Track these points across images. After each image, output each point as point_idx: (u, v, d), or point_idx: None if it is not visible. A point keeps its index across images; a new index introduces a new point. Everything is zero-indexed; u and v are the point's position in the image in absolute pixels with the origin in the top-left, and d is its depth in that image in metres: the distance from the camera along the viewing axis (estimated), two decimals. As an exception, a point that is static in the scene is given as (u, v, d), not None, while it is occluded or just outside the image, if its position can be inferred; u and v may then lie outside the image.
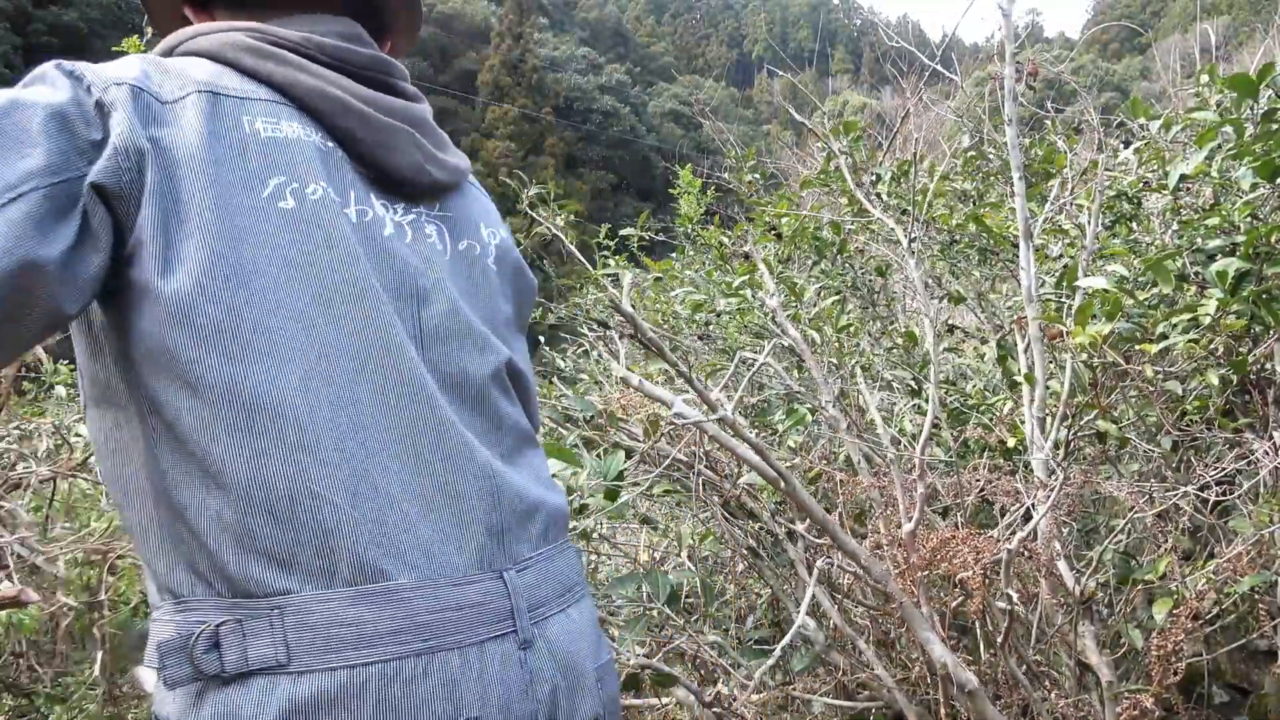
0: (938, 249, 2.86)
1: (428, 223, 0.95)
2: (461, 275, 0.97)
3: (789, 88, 32.37)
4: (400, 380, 0.83)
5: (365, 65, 0.93)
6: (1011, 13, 2.17)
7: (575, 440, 1.95)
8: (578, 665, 0.90)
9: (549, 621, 0.89)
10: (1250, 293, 1.75)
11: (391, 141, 0.91)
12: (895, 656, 2.04)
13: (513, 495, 0.90)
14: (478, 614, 0.82)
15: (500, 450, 0.93)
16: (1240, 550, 1.64)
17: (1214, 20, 24.61)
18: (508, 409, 0.96)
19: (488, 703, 0.80)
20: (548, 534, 0.94)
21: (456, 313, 0.92)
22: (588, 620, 0.96)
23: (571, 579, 0.96)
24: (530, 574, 0.89)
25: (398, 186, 0.93)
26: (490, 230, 1.03)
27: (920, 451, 1.86)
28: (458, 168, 1.00)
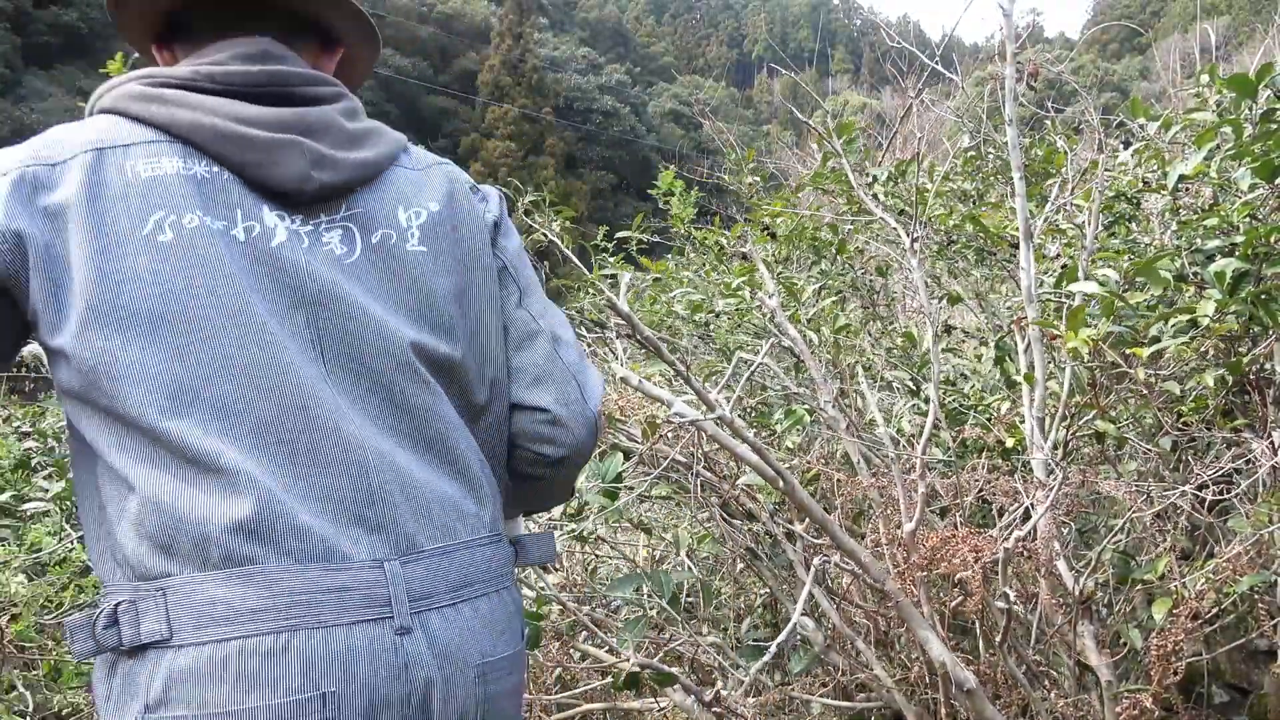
0: (935, 249, 2.86)
1: (328, 229, 1.00)
2: (373, 270, 1.00)
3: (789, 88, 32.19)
4: (273, 385, 0.91)
5: (258, 83, 1.00)
6: (1012, 13, 2.17)
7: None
8: (458, 658, 0.93)
9: (434, 613, 0.93)
10: (1249, 293, 1.75)
11: (271, 158, 0.97)
12: (894, 656, 2.04)
13: (405, 488, 0.94)
14: (348, 598, 0.88)
15: (409, 442, 0.97)
16: (1239, 550, 1.64)
17: (1214, 20, 24.61)
18: (423, 398, 0.99)
19: (349, 681, 0.86)
20: (454, 528, 0.97)
21: (354, 311, 0.97)
22: (490, 616, 0.99)
23: (477, 575, 0.98)
24: (420, 566, 0.93)
25: (286, 197, 0.98)
26: (413, 210, 1.05)
27: (920, 451, 1.86)
28: (365, 161, 1.03)
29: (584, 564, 2.56)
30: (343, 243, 1.00)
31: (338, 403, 0.93)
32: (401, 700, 0.88)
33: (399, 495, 0.94)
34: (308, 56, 1.09)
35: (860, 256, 3.16)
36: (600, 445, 1.97)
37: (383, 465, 0.94)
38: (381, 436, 0.95)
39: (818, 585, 1.89)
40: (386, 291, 1.00)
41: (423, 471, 0.97)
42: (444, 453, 1.00)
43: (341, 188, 1.01)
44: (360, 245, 1.01)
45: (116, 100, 0.99)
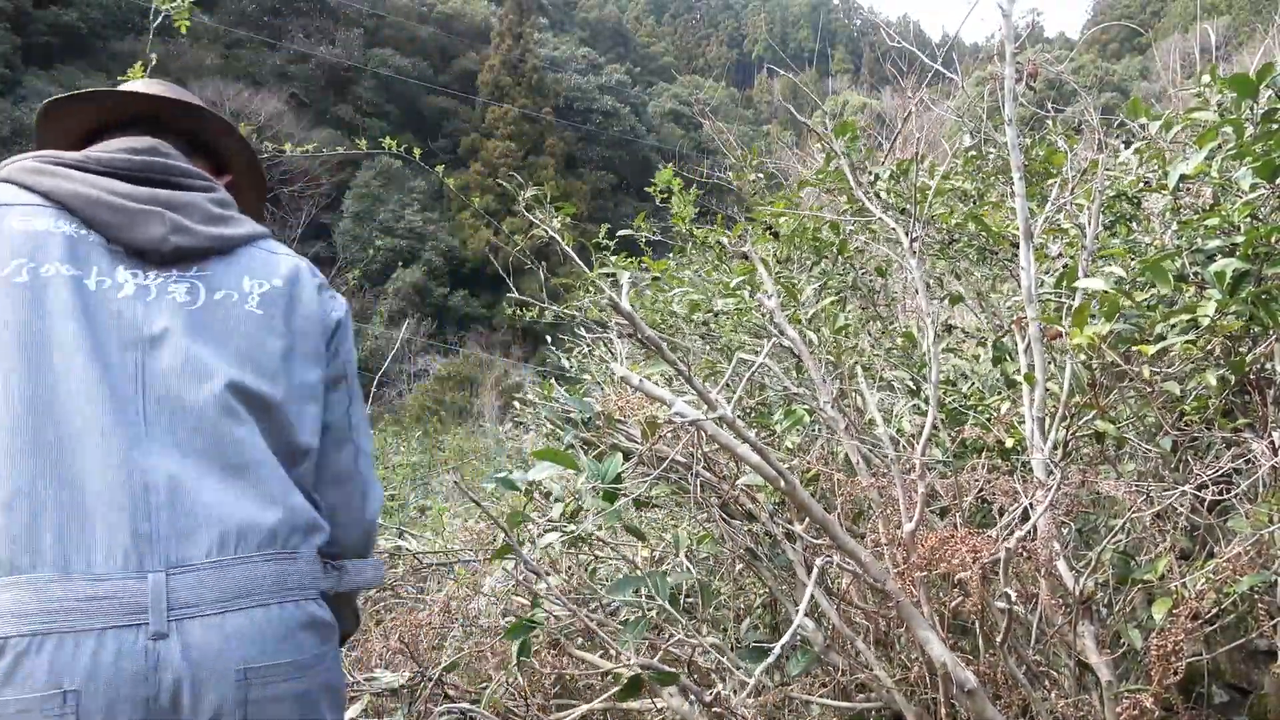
0: (937, 248, 2.86)
1: (177, 283, 1.20)
2: (211, 320, 1.20)
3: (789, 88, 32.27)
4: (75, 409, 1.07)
5: (139, 167, 1.24)
6: (1011, 13, 2.16)
7: (572, 441, 1.95)
8: (214, 662, 1.04)
9: (196, 620, 1.04)
10: (1249, 293, 1.75)
11: (134, 222, 1.19)
12: (894, 656, 2.03)
13: (187, 508, 1.08)
14: (107, 605, 1.01)
15: (211, 466, 1.11)
16: (1239, 550, 1.64)
17: (1214, 20, 24.60)
18: (234, 430, 1.14)
19: (93, 679, 0.98)
20: (232, 546, 1.09)
21: (184, 352, 1.15)
22: (264, 625, 1.09)
23: (255, 587, 1.10)
24: (188, 577, 1.05)
25: (143, 256, 1.19)
26: (256, 281, 1.26)
27: (920, 452, 1.85)
28: (220, 235, 1.26)
29: (583, 566, 2.56)
30: (188, 294, 1.20)
31: (137, 432, 1.08)
32: (146, 700, 1.00)
33: (178, 514, 1.07)
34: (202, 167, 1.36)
35: (860, 256, 3.15)
36: (600, 446, 1.97)
37: (166, 486, 1.08)
38: (176, 460, 1.09)
39: (818, 585, 1.89)
40: (218, 339, 1.19)
41: (215, 494, 1.10)
42: (246, 479, 1.13)
43: (197, 252, 1.23)
44: (204, 299, 1.21)
45: (12, 172, 1.22)
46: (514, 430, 8.09)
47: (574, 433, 1.93)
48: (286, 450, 1.21)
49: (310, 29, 42.72)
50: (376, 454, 8.15)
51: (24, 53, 34.07)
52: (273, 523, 1.14)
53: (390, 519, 5.19)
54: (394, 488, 7.45)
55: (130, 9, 36.31)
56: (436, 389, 21.65)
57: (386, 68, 43.26)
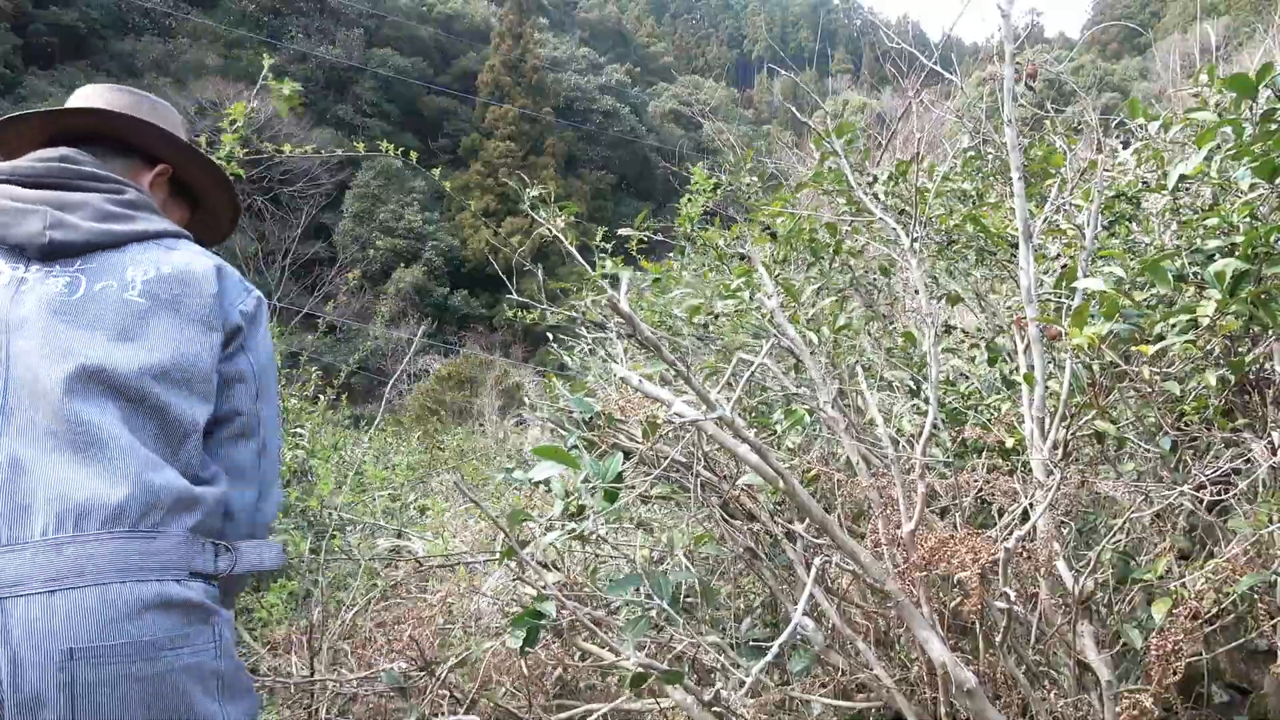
0: (935, 249, 2.86)
1: (56, 275, 1.27)
2: (88, 307, 1.25)
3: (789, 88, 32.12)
4: None
5: (38, 173, 1.35)
6: (1011, 13, 2.17)
7: (575, 441, 1.95)
8: (39, 642, 1.04)
9: (20, 600, 1.05)
10: (1249, 293, 1.75)
11: (14, 221, 1.28)
12: (894, 656, 2.04)
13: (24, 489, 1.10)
14: None
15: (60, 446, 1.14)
16: (1239, 550, 1.64)
17: (1214, 20, 24.59)
18: (88, 411, 1.16)
19: None
20: (70, 524, 1.10)
21: (43, 336, 1.20)
22: (99, 605, 1.08)
23: (93, 566, 1.09)
24: (17, 556, 1.07)
25: (22, 250, 1.28)
26: (141, 269, 1.31)
27: (920, 452, 1.86)
28: (107, 230, 1.32)
29: (585, 564, 2.56)
30: (67, 286, 1.26)
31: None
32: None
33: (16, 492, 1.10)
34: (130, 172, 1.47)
35: (860, 256, 3.15)
36: (601, 445, 1.97)
37: (10, 465, 1.11)
38: (26, 440, 1.13)
39: (818, 585, 1.89)
40: (89, 325, 1.23)
41: (61, 473, 1.12)
42: (97, 458, 1.14)
43: (76, 246, 1.30)
44: (84, 290, 1.27)
45: None
46: (514, 429, 8.09)
47: (579, 433, 1.93)
48: (163, 428, 1.23)
49: (310, 29, 42.72)
50: (377, 455, 8.15)
51: (24, 53, 34.07)
52: (120, 500, 1.13)
53: (390, 519, 5.19)
54: (394, 488, 7.44)
55: (130, 9, 36.32)
56: (436, 389, 21.63)
57: (386, 68, 43.25)
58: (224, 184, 1.59)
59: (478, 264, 36.32)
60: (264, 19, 41.96)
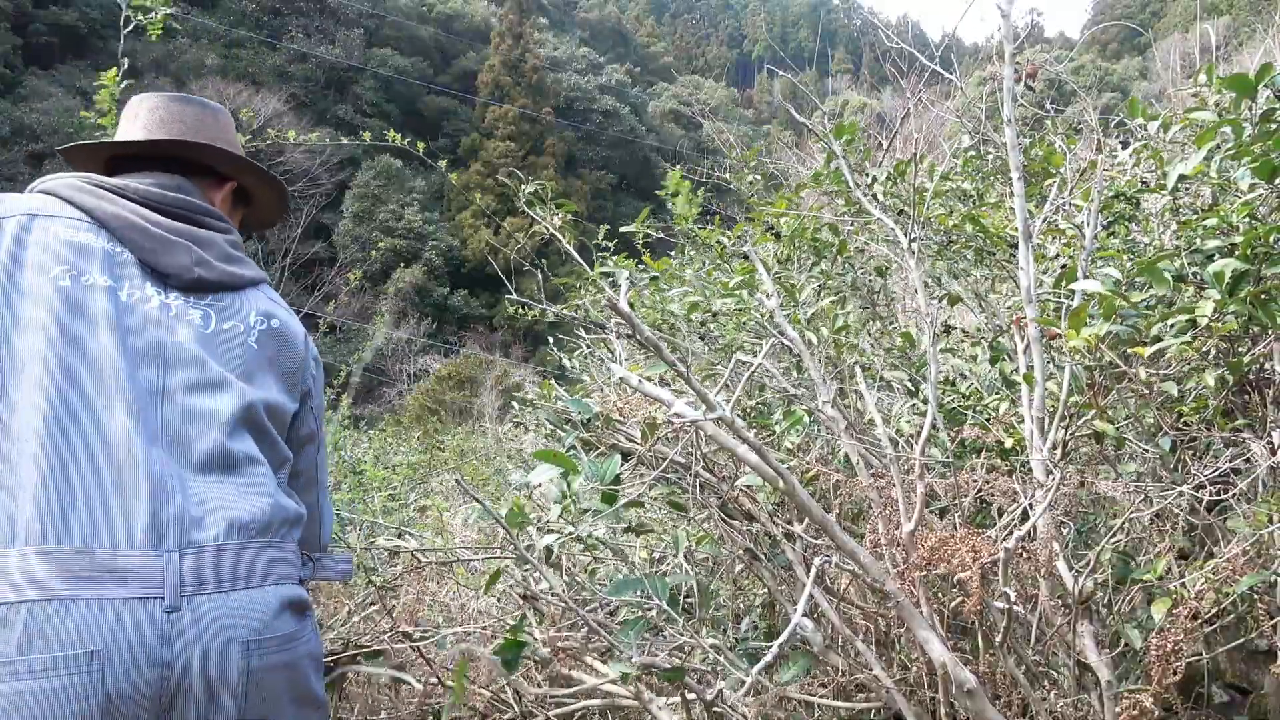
0: (935, 249, 2.86)
1: (194, 308, 1.38)
2: (219, 343, 1.38)
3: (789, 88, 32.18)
4: (107, 404, 1.20)
5: (170, 204, 1.43)
6: (1011, 13, 2.16)
7: (573, 442, 1.95)
8: (222, 632, 1.18)
9: (205, 597, 1.18)
10: (1248, 293, 1.75)
11: (164, 249, 1.37)
12: (894, 656, 2.04)
13: (196, 499, 1.22)
14: (129, 578, 1.13)
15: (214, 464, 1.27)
16: (1238, 550, 1.64)
17: (1214, 20, 24.59)
18: (235, 436, 1.31)
19: (116, 642, 1.10)
20: (235, 533, 1.24)
21: (200, 363, 1.32)
22: (260, 603, 1.24)
23: (251, 570, 1.25)
24: (197, 559, 1.19)
25: (167, 279, 1.37)
26: (259, 317, 1.46)
27: (919, 452, 1.86)
28: (236, 274, 1.45)
29: (584, 567, 2.56)
30: (203, 320, 1.38)
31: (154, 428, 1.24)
32: (162, 664, 1.12)
33: (190, 503, 1.21)
34: (204, 188, 1.55)
35: (860, 256, 3.15)
36: (600, 446, 1.97)
37: (179, 479, 1.22)
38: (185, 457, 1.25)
39: (817, 585, 1.89)
40: (224, 360, 1.37)
41: (217, 489, 1.26)
42: (244, 478, 1.30)
43: (213, 284, 1.41)
44: (214, 325, 1.39)
45: (56, 187, 1.37)
46: (514, 430, 8.09)
47: (575, 434, 1.93)
48: (273, 458, 1.39)
49: (310, 29, 42.72)
50: (377, 455, 8.14)
51: (24, 53, 34.07)
52: (266, 516, 1.30)
53: (390, 519, 5.19)
54: (394, 488, 7.45)
55: (130, 9, 36.26)
56: (436, 389, 21.64)
57: (386, 68, 43.26)
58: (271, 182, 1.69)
59: (478, 264, 36.32)
60: (264, 19, 41.95)
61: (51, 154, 31.18)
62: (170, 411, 1.27)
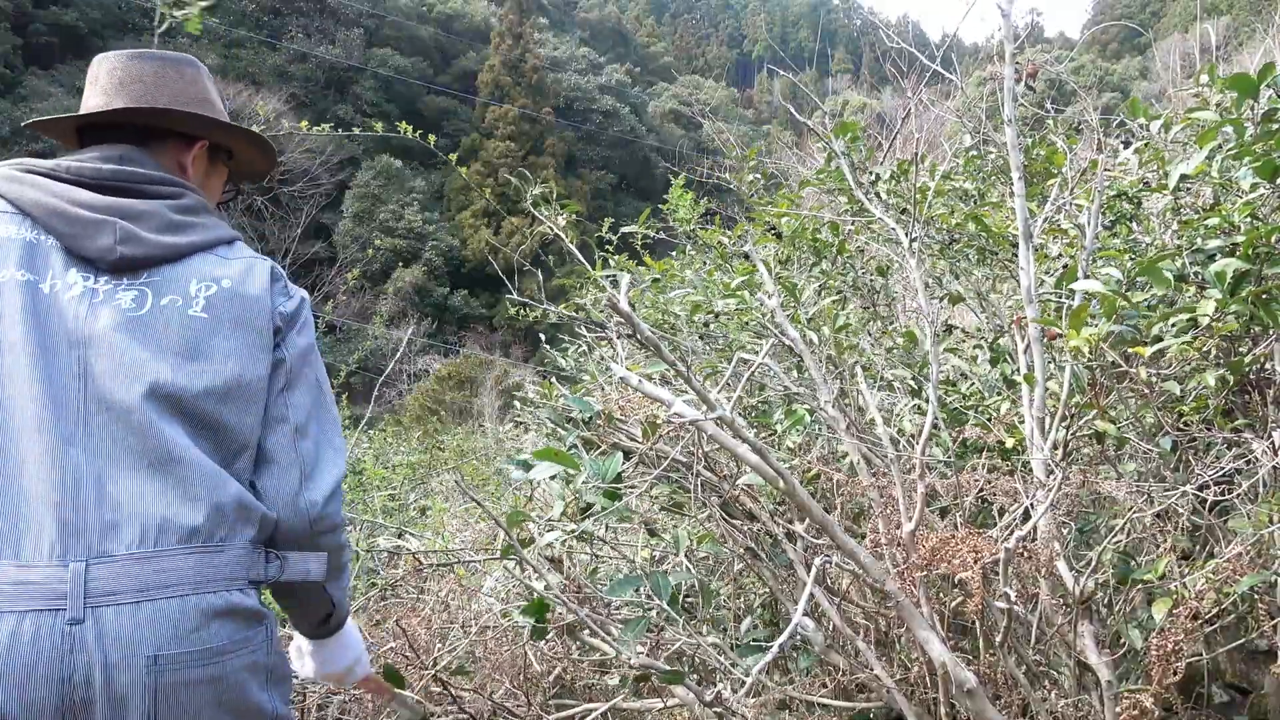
0: (937, 248, 2.86)
1: (125, 290, 1.29)
2: (155, 323, 1.28)
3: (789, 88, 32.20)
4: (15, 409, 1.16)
5: (105, 176, 1.34)
6: (1011, 13, 2.16)
7: (574, 441, 1.95)
8: (127, 648, 1.12)
9: (111, 608, 1.12)
10: (1249, 293, 1.75)
11: (84, 232, 1.28)
12: (894, 656, 2.03)
13: (111, 504, 1.16)
14: (30, 590, 1.10)
15: (137, 463, 1.19)
16: (1239, 550, 1.64)
17: (1214, 20, 24.58)
18: (161, 428, 1.21)
19: (12, 654, 1.07)
20: (152, 539, 1.17)
21: (116, 353, 1.23)
22: (178, 615, 1.17)
23: (172, 579, 1.17)
24: (108, 568, 1.14)
25: (93, 263, 1.28)
26: (204, 284, 1.34)
27: (920, 452, 1.85)
28: (171, 244, 1.33)
29: (585, 566, 2.56)
30: (134, 301, 1.28)
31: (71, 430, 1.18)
32: (62, 678, 1.09)
33: (103, 509, 1.16)
34: (170, 153, 1.46)
35: (861, 256, 3.15)
36: (601, 445, 1.96)
37: (93, 483, 1.16)
38: (106, 457, 1.18)
39: (818, 585, 1.89)
40: (158, 343, 1.26)
41: (140, 490, 1.18)
42: (171, 475, 1.20)
43: (142, 260, 1.31)
44: (150, 304, 1.29)
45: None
46: (514, 430, 8.08)
47: (576, 433, 1.93)
48: (221, 446, 1.28)
49: (310, 29, 42.70)
50: (377, 454, 8.11)
51: (24, 53, 34.07)
52: (195, 520, 1.20)
53: (390, 519, 5.18)
54: (393, 488, 7.44)
55: (130, 9, 36.31)
56: (436, 389, 21.63)
57: (386, 68, 43.25)
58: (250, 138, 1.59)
59: (478, 264, 36.31)
60: (264, 19, 41.94)
61: (51, 154, 31.04)
62: (94, 408, 1.20)
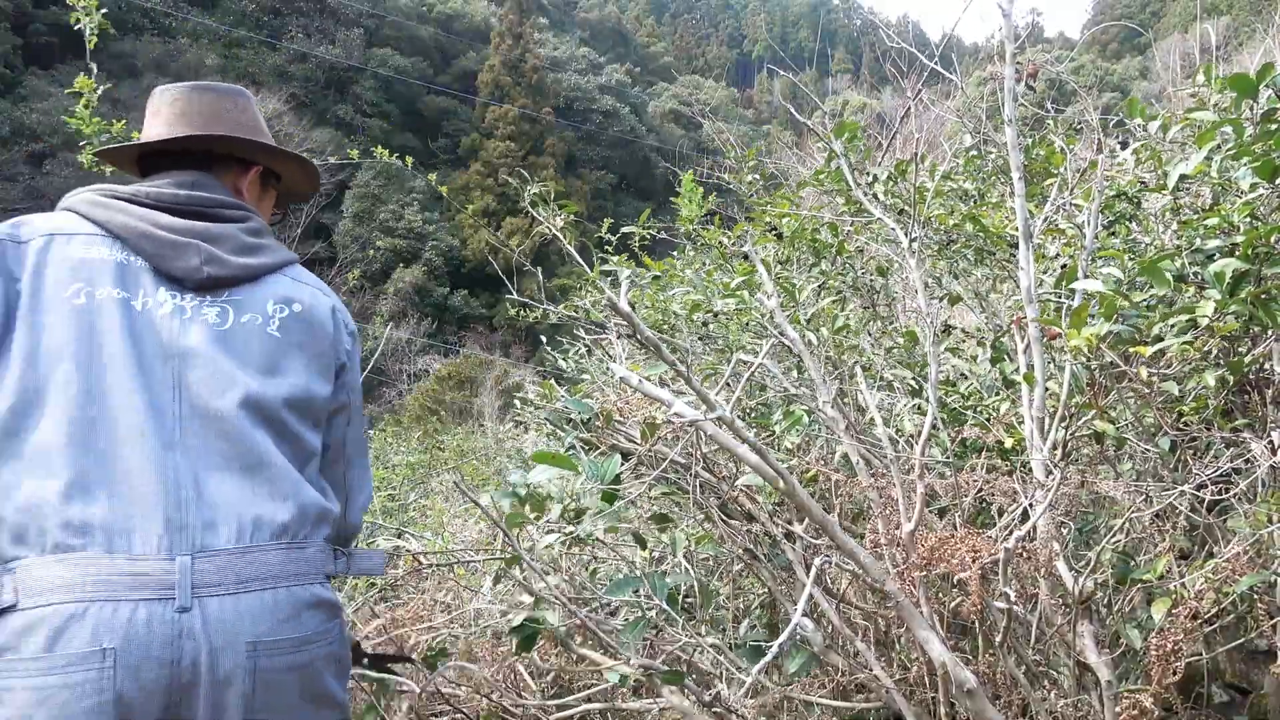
0: (936, 248, 2.86)
1: (209, 306, 1.42)
2: (238, 339, 1.41)
3: (789, 88, 32.22)
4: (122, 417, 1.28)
5: (183, 202, 1.46)
6: (1011, 13, 2.16)
7: (573, 442, 1.95)
8: (229, 635, 1.24)
9: (214, 599, 1.24)
10: (1248, 293, 1.75)
11: (172, 253, 1.41)
12: (894, 656, 2.04)
13: (211, 503, 1.28)
14: (142, 582, 1.21)
15: (231, 466, 1.32)
16: (1238, 550, 1.64)
17: (1214, 20, 24.58)
18: (251, 434, 1.35)
19: (129, 641, 1.18)
20: (248, 536, 1.30)
21: (208, 365, 1.35)
22: (274, 604, 1.29)
23: (266, 572, 1.30)
24: (211, 562, 1.25)
25: (180, 282, 1.41)
26: (278, 305, 1.47)
27: (919, 452, 1.85)
28: (248, 265, 1.47)
29: (584, 566, 2.56)
30: (218, 317, 1.41)
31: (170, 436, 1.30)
32: (171, 662, 1.20)
33: (203, 508, 1.27)
34: (229, 178, 1.58)
35: (860, 256, 3.15)
36: (600, 446, 1.97)
37: (192, 484, 1.28)
38: (203, 460, 1.30)
39: (817, 585, 1.89)
40: (242, 356, 1.39)
41: (235, 491, 1.31)
42: (261, 477, 1.33)
43: (226, 280, 1.43)
44: (232, 321, 1.42)
45: (75, 204, 1.44)
46: (514, 430, 8.08)
47: (574, 434, 1.93)
48: (297, 453, 1.41)
49: (310, 29, 42.70)
50: (377, 454, 8.08)
51: (24, 53, 34.06)
52: (284, 518, 1.33)
53: (390, 519, 5.18)
54: (393, 487, 7.44)
55: (130, 9, 36.28)
56: (436, 389, 21.62)
57: (386, 68, 43.25)
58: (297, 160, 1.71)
59: (478, 264, 36.31)
60: (264, 19, 41.94)
61: (51, 154, 31.20)
62: (189, 417, 1.32)
